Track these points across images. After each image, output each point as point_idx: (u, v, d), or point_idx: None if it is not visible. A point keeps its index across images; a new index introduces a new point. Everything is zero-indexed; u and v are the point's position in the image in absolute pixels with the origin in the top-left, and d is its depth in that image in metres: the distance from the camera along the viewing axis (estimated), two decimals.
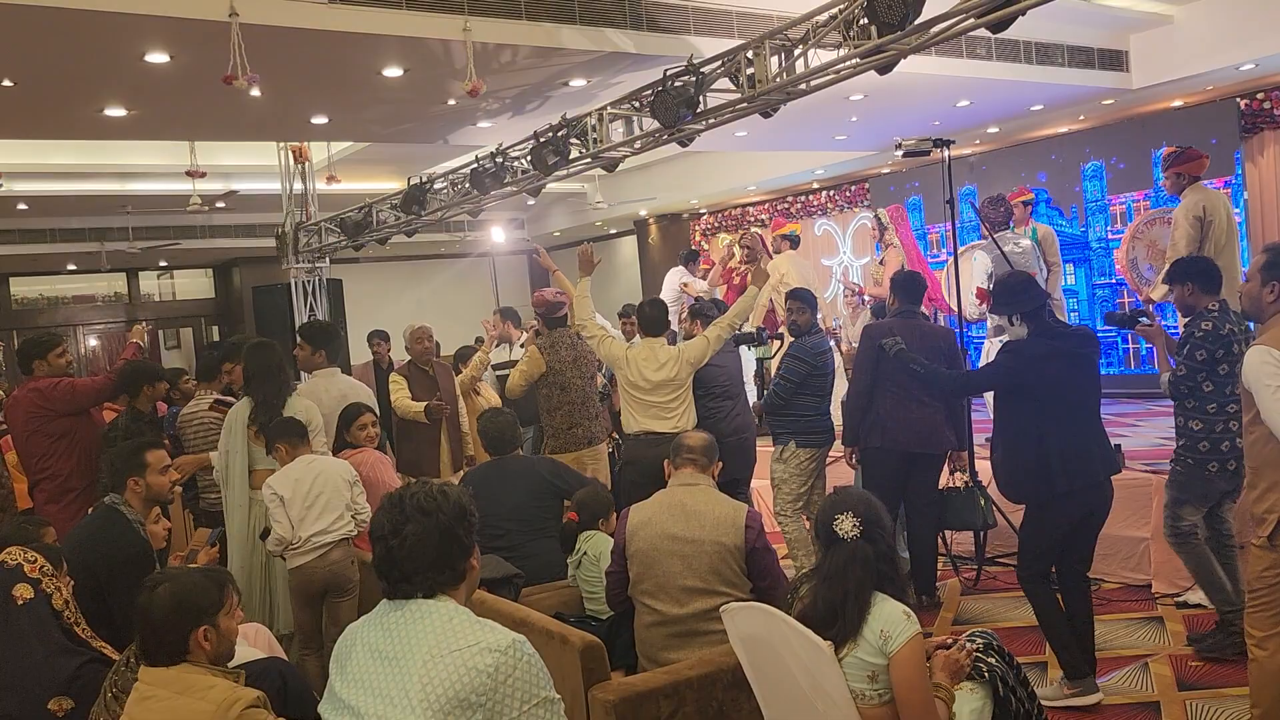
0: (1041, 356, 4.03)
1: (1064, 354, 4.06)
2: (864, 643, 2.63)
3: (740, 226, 14.47)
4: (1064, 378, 4.01)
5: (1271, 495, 3.14)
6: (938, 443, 5.34)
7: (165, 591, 2.56)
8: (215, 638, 2.57)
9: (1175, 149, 6.19)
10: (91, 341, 16.12)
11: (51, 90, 5.97)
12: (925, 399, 5.23)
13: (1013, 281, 4.32)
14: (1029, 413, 4.03)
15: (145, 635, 2.55)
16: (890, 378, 5.22)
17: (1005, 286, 4.29)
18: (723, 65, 5.21)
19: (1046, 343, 4.07)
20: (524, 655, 2.05)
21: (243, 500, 4.74)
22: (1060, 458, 3.96)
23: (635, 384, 5.44)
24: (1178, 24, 8.13)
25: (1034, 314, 4.15)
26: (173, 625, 2.51)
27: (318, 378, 5.57)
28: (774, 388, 5.63)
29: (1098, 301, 9.87)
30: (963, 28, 4.18)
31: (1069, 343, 4.13)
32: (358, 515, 4.43)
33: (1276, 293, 3.20)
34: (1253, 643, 3.24)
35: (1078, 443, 4.01)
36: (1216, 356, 4.28)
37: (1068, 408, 4.02)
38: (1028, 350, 4.08)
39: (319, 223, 9.71)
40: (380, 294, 16.14)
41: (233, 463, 4.75)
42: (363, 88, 6.47)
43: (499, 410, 5.36)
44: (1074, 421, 4.02)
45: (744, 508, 3.58)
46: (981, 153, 10.94)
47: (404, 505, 2.17)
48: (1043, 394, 3.99)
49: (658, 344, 5.51)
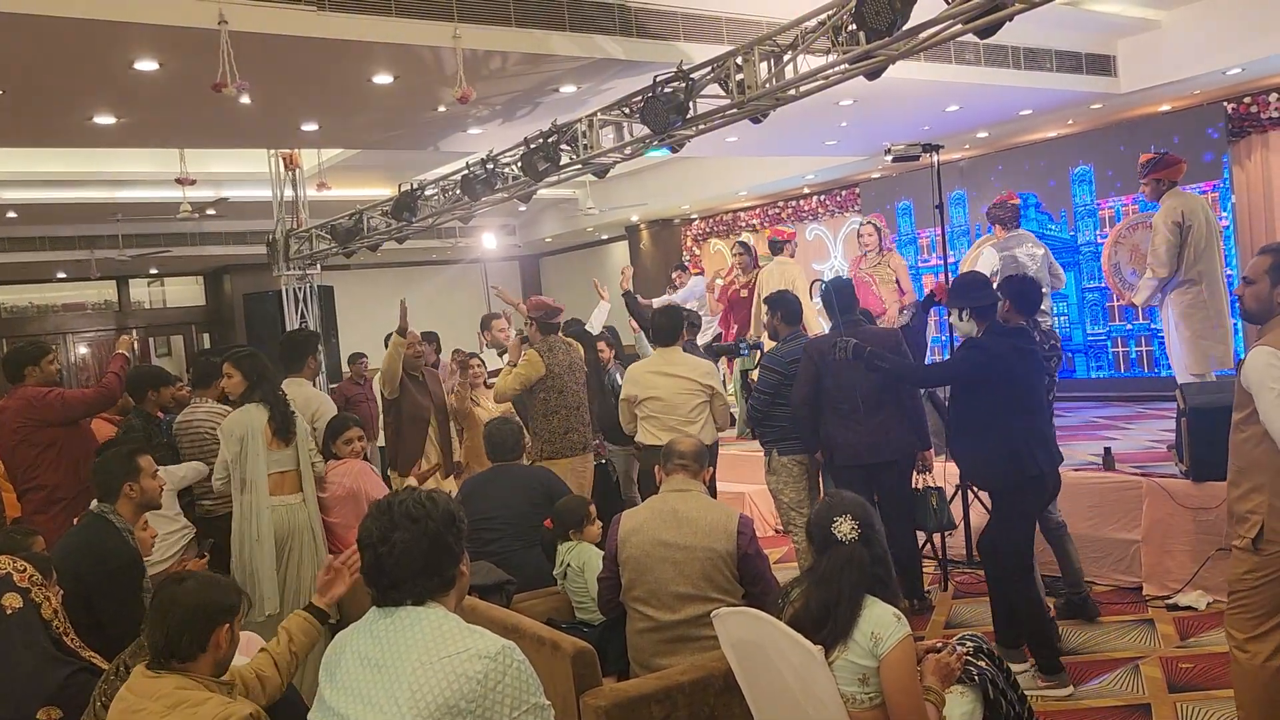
0: (1005, 353, 4.30)
1: (1024, 351, 4.37)
2: (854, 645, 2.63)
3: (732, 231, 14.51)
4: (1024, 372, 4.34)
5: (1256, 496, 3.14)
6: (894, 449, 5.18)
7: (193, 586, 2.54)
8: (231, 640, 2.57)
9: (1153, 155, 6.24)
10: (82, 349, 16.08)
11: (41, 98, 5.96)
12: (873, 408, 5.12)
13: (969, 278, 4.64)
14: (991, 405, 4.29)
15: (164, 631, 2.50)
16: (830, 396, 5.18)
17: (961, 282, 4.63)
18: (712, 71, 5.23)
19: (1005, 340, 4.36)
20: (513, 662, 2.05)
21: (267, 503, 4.73)
22: (1027, 443, 4.26)
23: (648, 400, 5.39)
24: (1165, 29, 8.18)
25: (984, 312, 4.43)
26: (197, 620, 2.49)
27: (289, 386, 5.58)
28: (752, 400, 5.62)
29: (1087, 305, 9.90)
30: (950, 33, 4.21)
31: (1022, 340, 4.44)
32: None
33: None
34: (1234, 645, 3.23)
35: (1038, 431, 4.35)
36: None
37: (1028, 400, 4.34)
38: (993, 347, 4.33)
39: (310, 229, 9.70)
40: (372, 300, 16.09)
41: (254, 468, 4.72)
42: (353, 95, 6.48)
43: (506, 419, 5.44)
44: (1034, 412, 4.37)
45: (736, 513, 3.58)
46: (971, 157, 10.98)
47: (392, 512, 2.16)
48: (1006, 388, 4.27)
49: (673, 353, 5.49)
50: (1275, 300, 3.17)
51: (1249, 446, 3.18)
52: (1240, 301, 3.31)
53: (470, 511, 2.33)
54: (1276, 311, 3.17)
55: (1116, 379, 9.71)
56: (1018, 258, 6.70)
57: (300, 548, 4.73)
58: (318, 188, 10.25)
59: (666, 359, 5.56)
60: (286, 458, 4.77)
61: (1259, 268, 3.21)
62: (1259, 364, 3.07)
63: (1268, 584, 3.13)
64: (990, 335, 4.38)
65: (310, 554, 4.75)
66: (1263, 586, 3.14)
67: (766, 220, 14.05)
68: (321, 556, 4.74)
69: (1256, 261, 3.25)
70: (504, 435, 5.05)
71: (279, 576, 4.66)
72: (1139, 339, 9.56)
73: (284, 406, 4.83)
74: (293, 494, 4.78)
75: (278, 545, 4.68)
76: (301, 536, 4.73)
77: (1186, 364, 6.02)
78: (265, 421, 4.74)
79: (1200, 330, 5.95)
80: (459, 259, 16.58)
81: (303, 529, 4.74)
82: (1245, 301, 3.26)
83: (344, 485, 4.95)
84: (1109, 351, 9.77)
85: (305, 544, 4.73)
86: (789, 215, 13.65)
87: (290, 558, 4.72)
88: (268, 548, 4.65)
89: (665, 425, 5.44)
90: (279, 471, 4.75)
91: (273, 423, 4.75)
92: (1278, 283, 3.16)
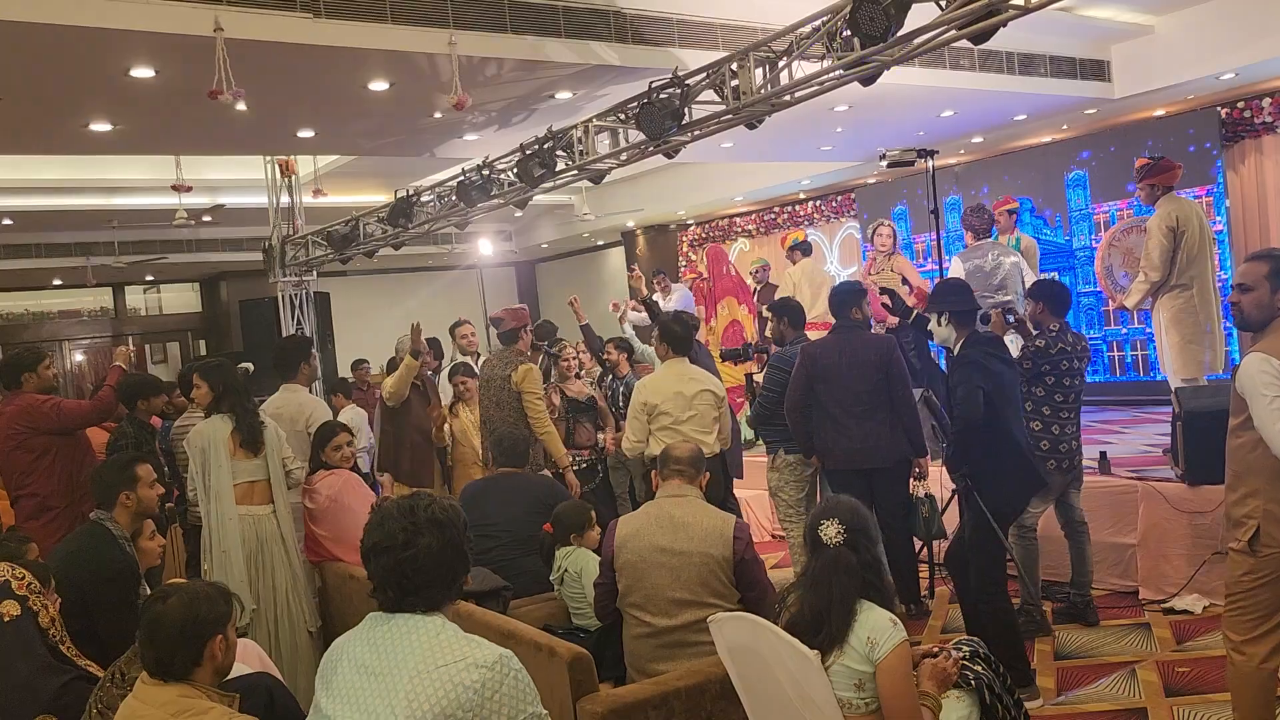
0: (993, 366, 4.38)
1: (1004, 361, 4.46)
2: (850, 650, 2.63)
3: (728, 237, 14.51)
4: (1009, 381, 4.45)
5: (1252, 501, 3.16)
6: (888, 455, 5.19)
7: (177, 603, 2.51)
8: (226, 647, 2.55)
9: (1149, 160, 6.26)
10: (78, 357, 16.04)
11: (37, 105, 5.96)
12: (865, 414, 5.15)
13: (949, 284, 4.72)
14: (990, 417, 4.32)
15: (155, 652, 2.48)
16: (821, 401, 5.19)
17: (940, 287, 4.71)
18: (708, 77, 5.24)
19: (987, 351, 4.43)
20: (510, 671, 2.04)
21: (233, 514, 4.72)
22: (1025, 444, 4.49)
23: (667, 411, 5.28)
24: (1158, 34, 8.21)
25: (962, 318, 4.49)
26: (187, 637, 2.47)
27: (284, 393, 5.60)
28: (759, 399, 5.65)
29: (1083, 310, 9.92)
30: (944, 39, 4.22)
31: (997, 348, 4.53)
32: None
33: None
34: (1231, 647, 3.24)
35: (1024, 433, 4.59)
36: (1043, 370, 4.95)
37: (1014, 407, 4.48)
38: (982, 360, 4.37)
39: (306, 236, 9.70)
40: (368, 307, 16.10)
41: (218, 479, 4.73)
42: (349, 101, 6.48)
43: (516, 426, 5.55)
44: (1019, 415, 4.56)
45: (732, 519, 3.58)
46: (966, 162, 11.00)
47: (416, 516, 2.12)
48: (996, 395, 4.33)
49: (683, 364, 5.43)
50: (1276, 305, 3.16)
51: (1245, 452, 3.19)
52: (1235, 309, 3.25)
53: (471, 518, 2.31)
54: (1276, 315, 3.17)
55: (1112, 383, 9.73)
56: (983, 268, 6.72)
57: (271, 558, 4.69)
58: (314, 194, 10.24)
59: (681, 370, 5.44)
60: (255, 468, 4.73)
61: (1256, 274, 3.18)
62: (1251, 370, 3.07)
63: (1264, 586, 3.15)
64: (970, 347, 4.43)
65: (283, 564, 4.70)
66: (1259, 589, 3.16)
67: (762, 226, 14.06)
68: (295, 567, 4.74)
69: (1251, 268, 3.21)
70: (515, 441, 5.13)
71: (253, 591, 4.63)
72: (1134, 343, 9.58)
73: (251, 418, 4.75)
74: (262, 504, 4.73)
75: (249, 555, 4.65)
76: (271, 547, 4.69)
77: (1176, 368, 6.03)
78: (229, 433, 4.71)
79: (1190, 335, 5.96)
80: (455, 265, 16.56)
81: (272, 539, 4.70)
82: (1243, 308, 3.21)
83: (330, 496, 4.94)
84: (1104, 356, 9.79)
85: (276, 554, 4.69)
86: (785, 221, 13.66)
87: (263, 568, 4.67)
88: (235, 557, 4.63)
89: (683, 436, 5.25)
90: (248, 481, 4.70)
91: (238, 434, 4.72)
92: (1278, 288, 3.16)
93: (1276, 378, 3.02)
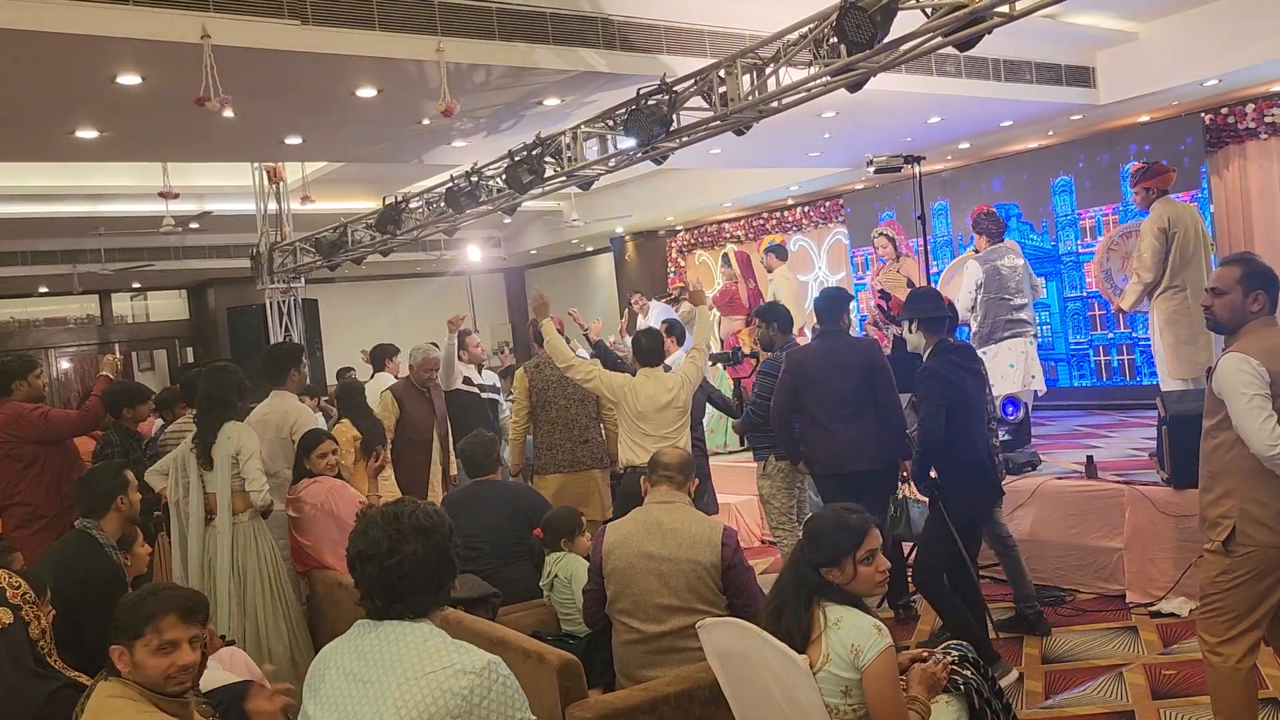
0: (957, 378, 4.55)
1: (970, 371, 4.65)
2: (836, 657, 2.64)
3: (716, 243, 14.54)
4: (973, 391, 4.62)
5: (1227, 501, 3.18)
6: (875, 457, 5.17)
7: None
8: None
9: (1143, 164, 6.31)
10: (64, 364, 15.96)
11: (22, 112, 5.94)
12: (850, 416, 5.14)
13: (922, 292, 4.88)
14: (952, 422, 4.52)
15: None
16: (808, 406, 5.20)
17: (913, 295, 4.86)
18: (695, 84, 5.26)
19: (952, 361, 4.60)
20: (499, 677, 2.04)
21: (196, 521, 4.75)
22: (988, 453, 4.68)
23: (642, 413, 5.26)
24: (1143, 40, 8.26)
25: (932, 325, 4.63)
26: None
27: (273, 399, 5.58)
28: (749, 405, 5.64)
29: (1069, 315, 9.97)
30: (930, 46, 4.25)
31: (964, 357, 4.70)
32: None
33: (1261, 302, 3.20)
34: (1207, 649, 3.25)
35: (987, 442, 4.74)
36: None
37: (977, 414, 4.65)
38: (945, 373, 4.56)
39: (294, 243, 9.68)
40: (356, 314, 16.08)
41: (194, 495, 4.75)
42: (336, 108, 6.48)
43: (480, 432, 5.38)
44: (983, 424, 4.72)
45: (720, 525, 3.59)
46: (953, 168, 11.05)
47: (400, 523, 2.12)
48: (960, 406, 4.53)
49: (657, 372, 5.41)
50: (1249, 308, 3.21)
51: (1220, 452, 3.22)
52: (1208, 312, 3.31)
53: (455, 527, 2.31)
54: (1249, 319, 3.21)
55: (1098, 387, 9.77)
56: (1000, 270, 6.74)
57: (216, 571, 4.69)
58: (302, 201, 10.23)
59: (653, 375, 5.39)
60: (210, 479, 4.74)
61: (1229, 278, 3.24)
62: (1230, 370, 3.11)
63: (1240, 586, 3.16)
64: (936, 358, 4.59)
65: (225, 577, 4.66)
66: (1235, 589, 3.17)
67: (751, 232, 14.09)
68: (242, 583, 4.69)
69: (1225, 272, 3.27)
70: (476, 450, 5.04)
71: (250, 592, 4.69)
72: (1120, 348, 9.63)
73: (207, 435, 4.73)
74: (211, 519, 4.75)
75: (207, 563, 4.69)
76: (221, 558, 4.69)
77: (1170, 369, 6.08)
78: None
79: (1184, 336, 6.00)
80: (443, 272, 16.54)
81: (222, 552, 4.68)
82: (1216, 312, 3.27)
83: (316, 505, 4.91)
84: (1091, 360, 9.84)
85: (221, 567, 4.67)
86: (773, 226, 13.69)
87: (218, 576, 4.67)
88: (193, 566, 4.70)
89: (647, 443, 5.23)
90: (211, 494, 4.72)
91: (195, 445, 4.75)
92: (1249, 292, 3.21)
93: (1255, 377, 3.06)
